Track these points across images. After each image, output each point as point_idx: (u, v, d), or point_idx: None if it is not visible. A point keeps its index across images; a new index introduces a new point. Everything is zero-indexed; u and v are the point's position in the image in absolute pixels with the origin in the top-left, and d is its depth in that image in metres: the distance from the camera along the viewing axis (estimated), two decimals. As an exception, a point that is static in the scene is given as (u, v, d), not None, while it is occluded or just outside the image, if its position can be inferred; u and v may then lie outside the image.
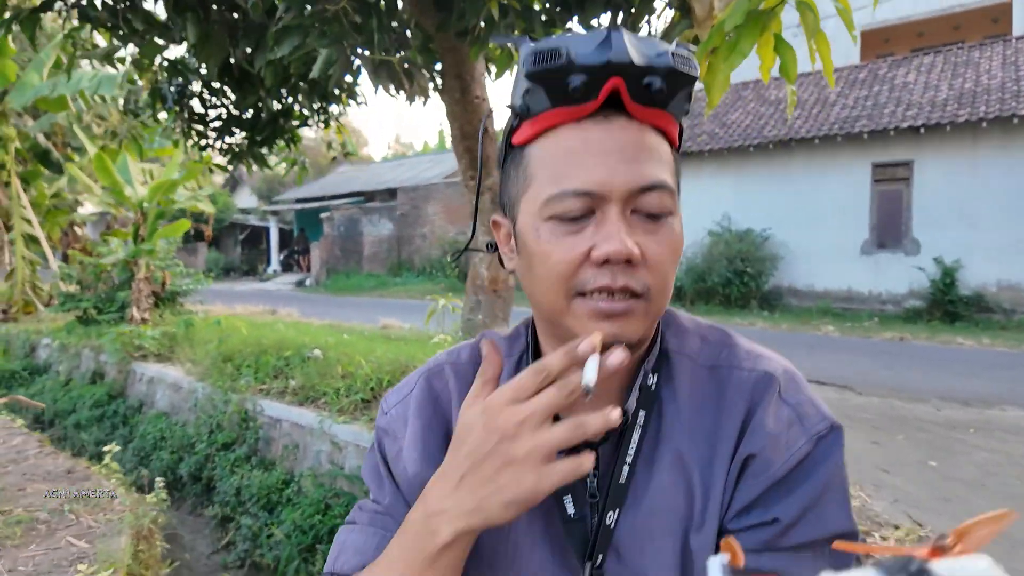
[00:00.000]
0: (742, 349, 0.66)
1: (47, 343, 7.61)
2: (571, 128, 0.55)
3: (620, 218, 0.54)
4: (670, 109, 0.57)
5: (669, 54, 0.54)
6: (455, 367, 0.71)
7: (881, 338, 8.89)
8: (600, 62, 0.52)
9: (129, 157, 7.68)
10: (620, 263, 0.54)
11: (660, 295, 0.57)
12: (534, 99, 0.55)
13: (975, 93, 10.49)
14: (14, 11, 3.16)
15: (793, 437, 0.59)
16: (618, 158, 0.54)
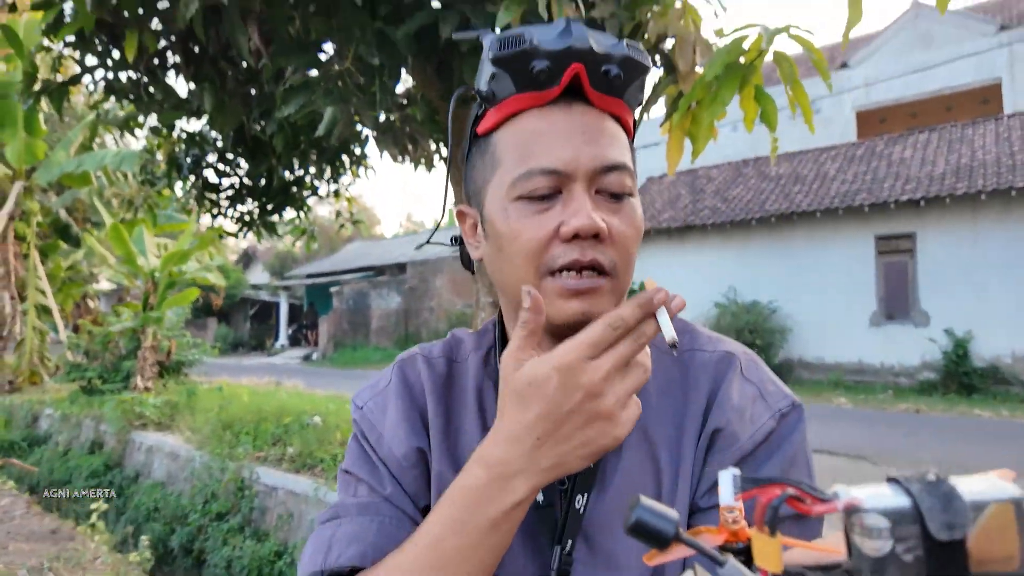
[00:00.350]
0: (703, 335, 0.68)
1: (49, 413, 7.56)
2: (535, 113, 0.57)
3: (586, 195, 0.56)
4: (626, 98, 0.59)
5: (624, 44, 0.57)
6: (427, 359, 0.71)
7: (896, 410, 8.66)
8: (562, 48, 0.55)
9: (145, 229, 7.91)
10: (588, 238, 0.55)
11: (625, 272, 0.58)
12: (499, 85, 0.57)
13: (971, 167, 10.71)
14: (44, 83, 3.37)
15: (758, 412, 0.60)
16: (581, 139, 0.56)
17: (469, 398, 0.67)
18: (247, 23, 2.04)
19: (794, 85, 1.68)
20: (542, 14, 1.57)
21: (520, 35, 0.55)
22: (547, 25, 0.57)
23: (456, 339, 0.74)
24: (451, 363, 0.71)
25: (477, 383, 0.68)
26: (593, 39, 0.56)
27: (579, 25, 0.56)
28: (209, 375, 9.22)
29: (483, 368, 0.69)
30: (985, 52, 13.41)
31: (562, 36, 0.55)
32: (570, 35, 0.55)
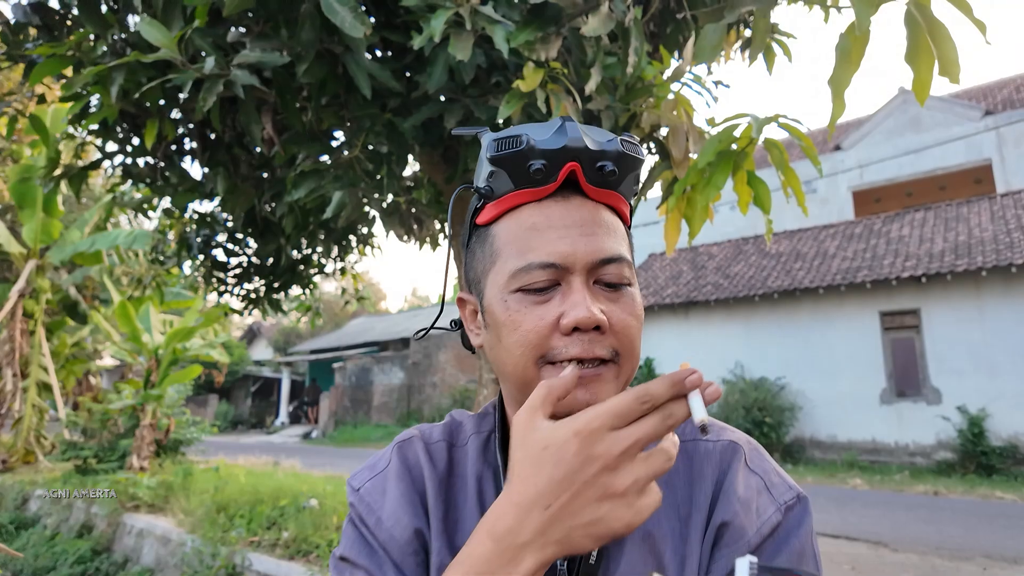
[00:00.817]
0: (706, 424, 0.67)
1: (40, 494, 7.35)
2: (533, 207, 0.60)
3: (584, 287, 0.57)
4: (621, 190, 0.62)
5: (618, 140, 0.60)
6: (427, 444, 0.70)
7: (914, 492, 8.35)
8: (557, 147, 0.57)
9: (152, 306, 7.99)
10: (589, 330, 0.56)
11: (628, 359, 0.59)
12: (497, 182, 0.60)
13: (970, 245, 10.84)
14: (65, 168, 3.50)
15: (763, 505, 0.59)
16: (578, 232, 0.58)
17: (469, 486, 0.66)
18: (262, 114, 2.15)
19: (785, 170, 1.74)
20: (540, 107, 1.65)
21: (517, 136, 0.58)
22: (543, 124, 0.60)
23: (456, 422, 0.73)
24: (451, 448, 0.70)
25: (477, 471, 0.67)
26: (588, 137, 0.58)
27: (574, 124, 0.59)
28: (207, 454, 9.03)
29: (483, 454, 0.68)
30: (973, 135, 13.87)
31: (558, 135, 0.58)
32: (565, 134, 0.58)
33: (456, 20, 1.63)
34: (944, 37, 1.32)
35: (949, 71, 1.31)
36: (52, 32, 2.91)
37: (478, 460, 0.68)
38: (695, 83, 2.10)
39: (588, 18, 1.57)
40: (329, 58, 1.90)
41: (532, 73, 1.68)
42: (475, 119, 1.97)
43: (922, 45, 1.36)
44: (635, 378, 2.98)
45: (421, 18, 1.68)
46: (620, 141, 0.60)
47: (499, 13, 1.77)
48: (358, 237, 5.00)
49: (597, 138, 0.59)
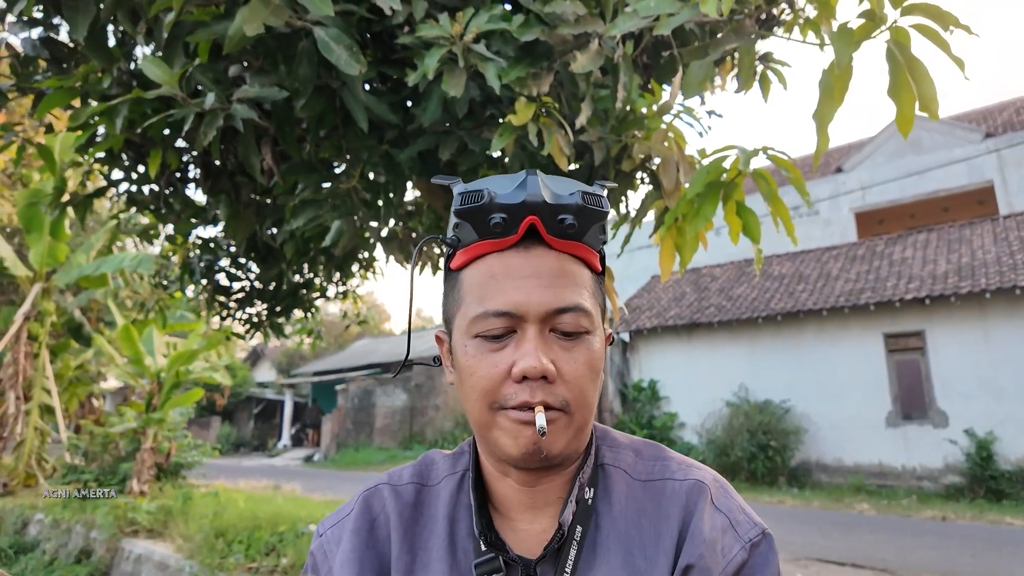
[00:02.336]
0: (673, 461, 0.68)
1: (40, 519, 7.32)
2: (496, 256, 0.62)
3: (537, 337, 0.59)
4: (585, 240, 0.63)
5: (579, 193, 0.61)
6: (395, 488, 0.71)
7: (921, 517, 8.23)
8: (517, 202, 0.60)
9: (155, 329, 8.03)
10: (537, 379, 0.58)
11: (580, 409, 0.60)
12: (463, 232, 0.63)
13: (973, 266, 10.83)
14: (71, 196, 3.56)
15: (728, 544, 0.60)
16: (535, 283, 0.60)
17: (439, 527, 0.67)
18: (261, 145, 2.19)
19: (773, 200, 1.76)
20: (532, 140, 1.69)
21: (479, 191, 0.61)
22: (509, 177, 0.62)
23: (429, 461, 0.74)
24: (421, 488, 0.71)
25: (449, 510, 0.68)
26: (548, 190, 0.60)
27: (536, 178, 0.61)
28: (208, 477, 8.99)
29: (456, 494, 0.69)
30: (975, 158, 13.92)
31: (518, 189, 0.60)
32: (525, 189, 0.60)
33: (450, 57, 1.68)
34: (923, 74, 1.35)
35: (928, 107, 1.34)
36: (61, 64, 2.98)
37: (451, 500, 0.69)
38: (686, 115, 2.14)
39: (578, 55, 1.61)
40: (327, 92, 1.95)
41: (524, 107, 1.72)
42: (469, 151, 2.01)
43: (903, 82, 1.40)
44: (637, 402, 3.02)
45: (416, 55, 1.73)
46: (581, 194, 0.61)
47: (492, 50, 1.81)
48: (359, 262, 5.03)
49: (559, 191, 0.61)
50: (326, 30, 1.56)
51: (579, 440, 0.63)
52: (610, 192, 2.37)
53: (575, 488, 0.64)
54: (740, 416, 11.59)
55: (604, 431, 0.73)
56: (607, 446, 0.70)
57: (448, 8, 1.89)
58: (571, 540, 0.62)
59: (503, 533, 0.65)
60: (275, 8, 1.41)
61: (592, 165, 2.04)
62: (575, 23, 1.65)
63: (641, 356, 13.66)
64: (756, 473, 11.21)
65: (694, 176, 1.72)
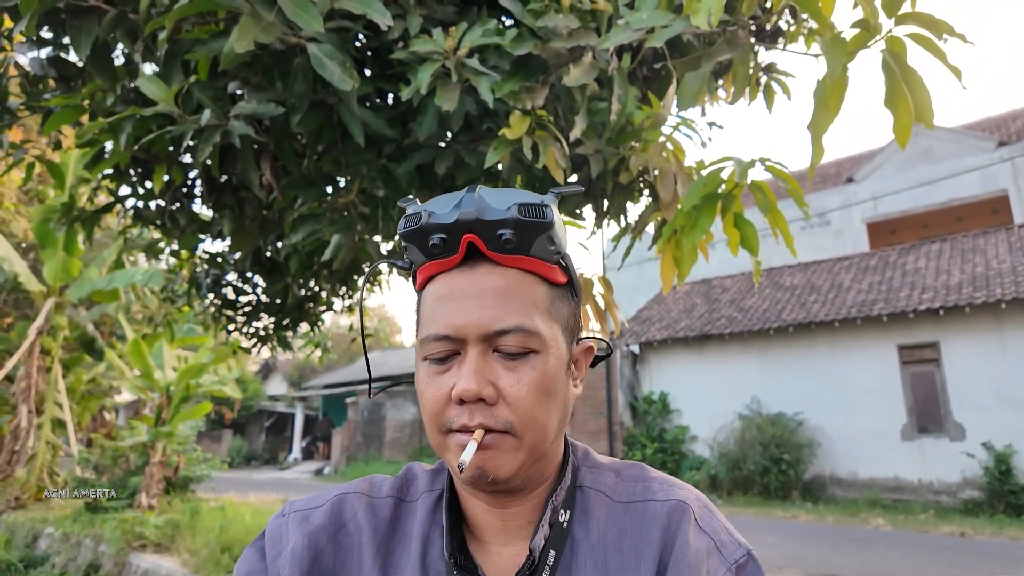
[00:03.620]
0: (655, 482, 0.67)
1: (50, 532, 7.36)
2: (443, 277, 0.61)
3: (478, 358, 0.58)
4: (532, 253, 0.60)
5: (515, 206, 0.59)
6: (372, 501, 0.69)
7: (939, 533, 8.06)
8: (450, 221, 0.58)
9: (165, 343, 8.09)
10: (474, 402, 0.57)
11: (527, 430, 0.58)
12: (412, 254, 0.63)
13: (988, 276, 10.67)
14: (79, 212, 3.61)
15: (714, 567, 0.59)
16: (476, 304, 0.59)
17: (413, 545, 0.65)
18: (260, 160, 2.21)
19: (771, 212, 1.74)
20: (527, 154, 1.68)
21: (418, 212, 0.60)
22: (446, 197, 0.61)
23: (411, 475, 0.72)
24: (399, 503, 0.69)
25: (424, 530, 0.66)
26: (482, 206, 0.59)
27: (472, 195, 0.59)
28: (218, 491, 9.01)
29: (432, 513, 0.67)
30: (988, 167, 13.77)
31: (454, 208, 0.59)
32: (460, 207, 0.59)
33: (443, 72, 1.68)
34: (918, 84, 1.33)
35: (924, 117, 1.32)
36: (68, 83, 3.03)
37: (426, 519, 0.67)
38: (685, 126, 2.12)
39: (571, 68, 1.61)
40: (324, 108, 1.96)
41: (518, 121, 1.72)
42: (466, 164, 2.01)
43: (899, 92, 1.38)
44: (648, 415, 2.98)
45: (410, 70, 1.73)
46: (517, 207, 0.58)
47: (488, 65, 1.82)
48: (363, 276, 5.05)
49: (495, 205, 0.59)
50: (319, 46, 1.57)
51: (536, 463, 0.61)
52: (610, 204, 2.36)
53: (547, 511, 0.62)
54: (752, 429, 11.45)
55: (585, 452, 0.71)
56: (587, 467, 0.68)
57: (443, 23, 1.90)
58: (543, 565, 0.60)
59: (476, 556, 0.64)
60: (267, 25, 1.42)
61: (590, 177, 2.03)
62: (568, 37, 1.65)
63: (651, 368, 13.56)
64: (769, 487, 11.05)
65: (690, 188, 1.70)
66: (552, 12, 1.70)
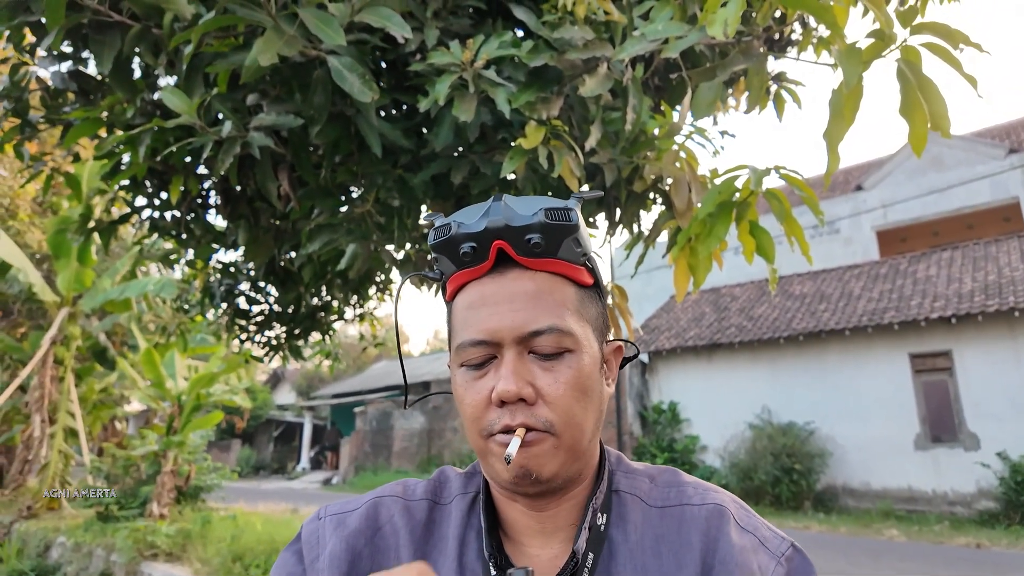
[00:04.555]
0: (688, 486, 0.68)
1: (62, 541, 7.39)
2: (474, 285, 0.63)
3: (514, 360, 0.59)
4: (561, 256, 0.62)
5: (542, 211, 0.61)
6: (407, 504, 0.69)
7: (954, 544, 7.95)
8: (480, 229, 0.61)
9: (177, 353, 8.14)
10: (514, 402, 0.59)
11: (567, 428, 0.60)
12: (443, 265, 0.65)
13: (1000, 284, 10.59)
14: (96, 222, 3.66)
15: (763, 562, 0.60)
16: (508, 308, 0.60)
17: (449, 547, 0.66)
18: (278, 171, 2.24)
19: (787, 219, 1.75)
20: (543, 163, 1.70)
21: (447, 224, 0.62)
22: (477, 206, 0.63)
23: (444, 478, 0.73)
24: (433, 506, 0.70)
25: (460, 532, 0.67)
26: (510, 214, 0.61)
27: (499, 204, 0.62)
28: (228, 500, 9.03)
29: (468, 516, 0.68)
30: (998, 174, 13.69)
31: (482, 218, 0.61)
32: (488, 215, 0.61)
33: (460, 83, 1.71)
34: (933, 93, 1.34)
35: (940, 126, 1.33)
36: (88, 96, 3.08)
37: (462, 522, 0.68)
38: (698, 135, 2.14)
39: (587, 79, 1.63)
40: (342, 119, 1.99)
41: (534, 131, 1.74)
42: (481, 174, 2.03)
43: (914, 100, 1.39)
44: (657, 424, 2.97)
45: (428, 81, 1.76)
46: (544, 211, 0.60)
47: (503, 76, 1.84)
48: (376, 284, 5.08)
49: (522, 212, 0.61)
50: (339, 59, 1.59)
51: (575, 462, 0.62)
52: (623, 213, 2.37)
53: (588, 514, 0.63)
54: (763, 439, 11.36)
55: (619, 457, 0.72)
56: (622, 472, 0.70)
57: (459, 36, 1.93)
58: (582, 568, 0.61)
59: (514, 558, 0.65)
60: (289, 38, 1.45)
61: (604, 186, 2.05)
62: (583, 48, 1.67)
63: (660, 377, 13.51)
64: (781, 497, 10.95)
65: (705, 196, 1.71)
66: (567, 24, 1.72)
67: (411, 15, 1.90)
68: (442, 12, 1.99)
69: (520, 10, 1.86)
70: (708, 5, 1.41)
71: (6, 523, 8.12)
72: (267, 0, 1.51)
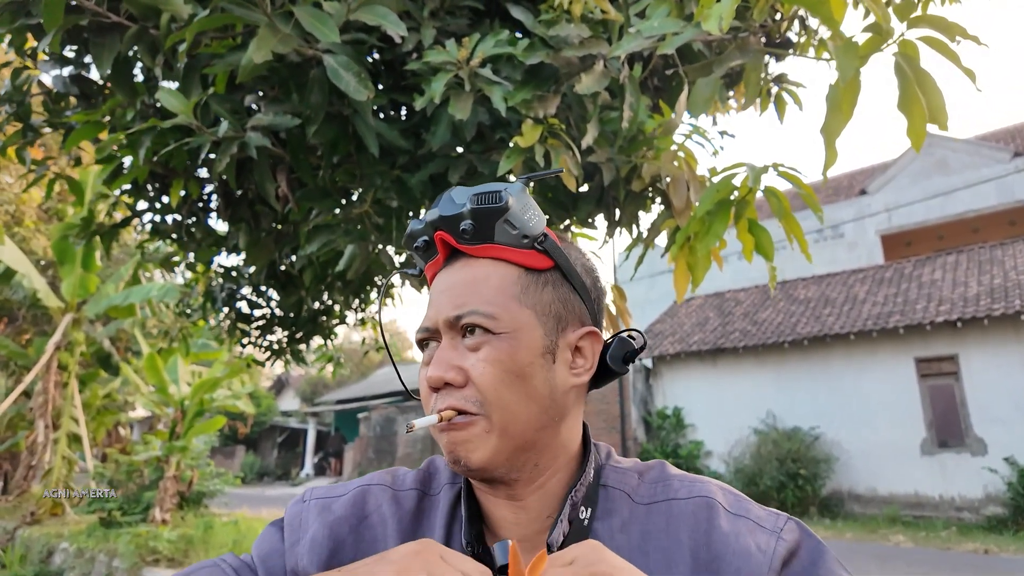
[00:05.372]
0: (674, 480, 0.66)
1: (65, 547, 7.38)
2: (439, 275, 0.66)
3: (445, 346, 0.61)
4: (497, 240, 0.62)
5: (471, 196, 0.62)
6: (396, 493, 0.69)
7: (962, 550, 7.88)
8: (422, 225, 0.65)
9: (180, 358, 8.15)
10: (441, 387, 0.60)
11: (494, 410, 0.59)
12: (417, 260, 0.69)
13: (1006, 288, 10.52)
14: (98, 226, 3.67)
15: (763, 541, 0.58)
16: (447, 296, 0.62)
17: (436, 537, 0.65)
18: (276, 172, 2.24)
19: (786, 218, 1.74)
20: (540, 162, 1.70)
21: (411, 225, 0.67)
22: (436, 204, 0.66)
23: (434, 468, 0.73)
24: (423, 496, 0.69)
25: (446, 522, 0.66)
26: (446, 205, 0.63)
27: (446, 194, 0.64)
28: (231, 506, 9.02)
29: (453, 506, 0.67)
30: (1004, 177, 13.63)
31: (427, 213, 0.65)
32: (432, 210, 0.64)
33: (456, 82, 1.70)
34: (931, 86, 1.33)
35: (938, 119, 1.32)
36: (89, 100, 3.10)
37: (447, 513, 0.67)
38: (696, 134, 2.13)
39: (583, 77, 1.63)
40: (339, 120, 1.99)
41: (530, 129, 1.73)
42: (479, 174, 2.02)
43: (912, 95, 1.37)
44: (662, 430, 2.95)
45: (424, 80, 1.76)
46: (472, 196, 0.62)
47: (501, 75, 1.84)
48: (376, 288, 5.08)
49: (457, 200, 0.62)
50: (335, 57, 1.59)
51: (516, 451, 0.61)
52: (623, 213, 2.36)
53: (566, 507, 0.62)
54: (768, 444, 11.29)
55: (609, 452, 0.71)
56: (611, 467, 0.68)
57: (456, 35, 1.93)
58: None
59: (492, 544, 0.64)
60: (284, 36, 1.45)
61: (602, 185, 2.04)
62: (580, 46, 1.66)
63: (664, 382, 13.46)
64: (786, 503, 10.87)
65: (703, 194, 1.70)
66: (563, 22, 1.72)
67: (407, 15, 1.90)
68: (439, 12, 2.00)
69: (517, 9, 1.86)
70: (703, 1, 1.40)
71: (9, 529, 8.13)
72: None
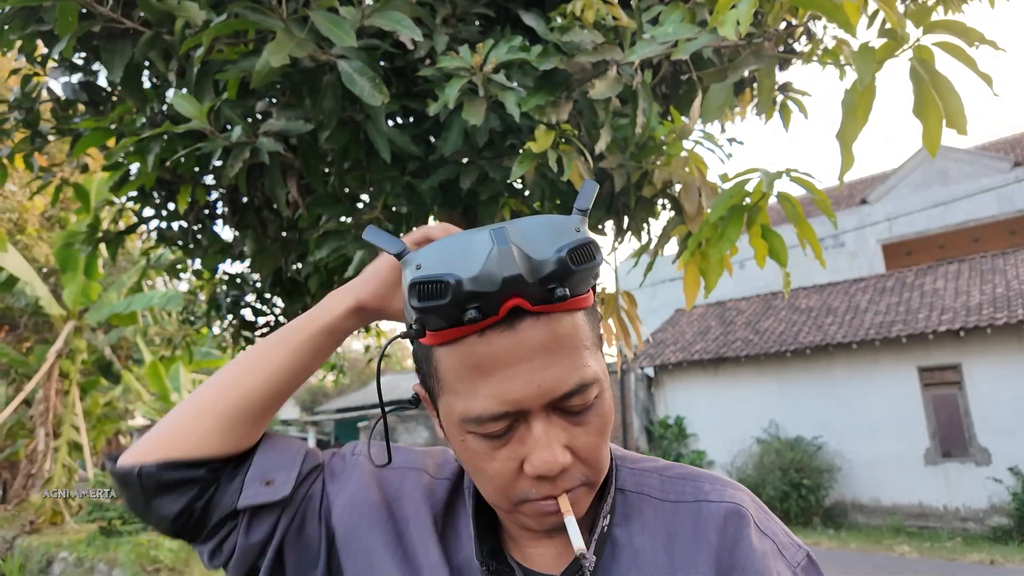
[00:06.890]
0: (704, 480, 0.65)
1: (64, 556, 7.33)
2: (476, 340, 0.51)
3: (545, 427, 0.53)
4: (577, 292, 0.52)
5: (566, 252, 0.50)
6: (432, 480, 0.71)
7: (967, 561, 7.82)
8: (491, 289, 0.48)
9: (182, 366, 8.13)
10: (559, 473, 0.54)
11: (598, 471, 0.58)
12: (429, 322, 0.52)
13: (1008, 297, 10.52)
14: (104, 232, 3.67)
15: (781, 570, 0.58)
16: (529, 368, 0.51)
17: (462, 531, 0.67)
18: (287, 178, 2.24)
19: (800, 224, 1.73)
20: (552, 167, 1.70)
21: (442, 282, 0.49)
22: (468, 252, 0.50)
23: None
24: (455, 490, 0.70)
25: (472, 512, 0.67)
26: (524, 257, 0.49)
27: (507, 248, 0.50)
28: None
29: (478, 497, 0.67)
30: (1004, 187, 13.66)
31: (488, 269, 0.49)
32: (497, 265, 0.49)
33: (470, 88, 1.71)
34: (949, 90, 1.33)
35: (956, 123, 1.32)
36: (98, 107, 3.11)
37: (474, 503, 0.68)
38: (707, 141, 2.13)
39: (596, 82, 1.63)
40: (351, 125, 1.99)
41: (543, 135, 1.73)
42: (490, 180, 2.03)
43: (928, 99, 1.37)
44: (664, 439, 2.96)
45: (437, 86, 1.76)
46: (568, 253, 0.50)
47: (514, 80, 1.84)
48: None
49: (538, 255, 0.50)
50: (350, 63, 1.60)
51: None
52: (632, 220, 2.36)
53: (600, 519, 0.61)
54: (771, 453, 11.25)
55: (624, 455, 0.69)
56: (628, 468, 0.67)
57: (468, 42, 1.94)
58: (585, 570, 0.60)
59: (514, 554, 0.64)
60: (300, 41, 1.46)
61: (613, 191, 2.04)
62: (593, 51, 1.67)
63: (666, 391, 13.42)
64: (789, 513, 10.81)
65: (716, 199, 1.70)
66: (576, 28, 1.72)
67: (420, 22, 1.91)
68: (451, 19, 2.00)
69: (529, 16, 1.87)
70: (719, 6, 1.41)
71: (9, 538, 8.07)
72: (278, 4, 1.52)
